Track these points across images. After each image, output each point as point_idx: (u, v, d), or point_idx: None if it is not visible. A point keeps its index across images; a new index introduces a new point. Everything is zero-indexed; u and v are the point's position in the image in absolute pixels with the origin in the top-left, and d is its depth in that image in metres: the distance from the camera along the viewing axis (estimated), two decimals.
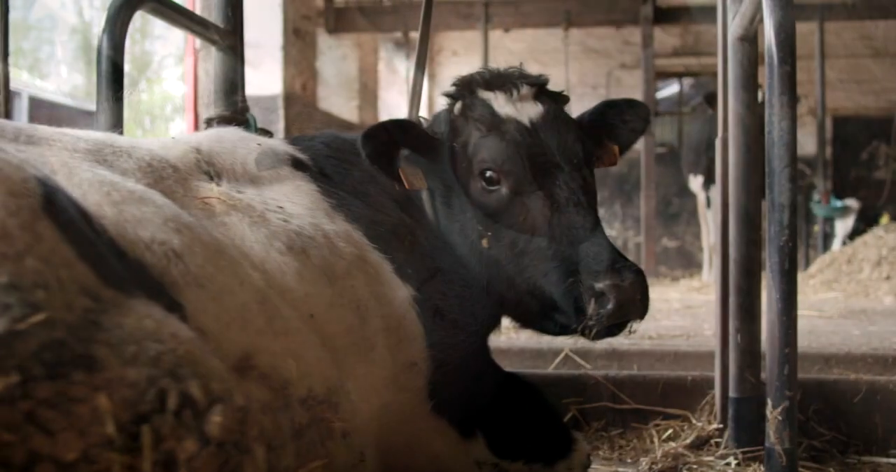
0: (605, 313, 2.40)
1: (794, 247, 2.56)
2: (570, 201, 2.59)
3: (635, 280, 2.42)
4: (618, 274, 2.42)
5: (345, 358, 2.14)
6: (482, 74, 2.88)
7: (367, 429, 2.18)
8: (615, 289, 2.39)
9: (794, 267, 2.55)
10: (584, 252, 2.49)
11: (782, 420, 2.56)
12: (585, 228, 2.54)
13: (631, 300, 2.41)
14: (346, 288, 2.26)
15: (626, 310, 2.42)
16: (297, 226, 2.28)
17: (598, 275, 2.43)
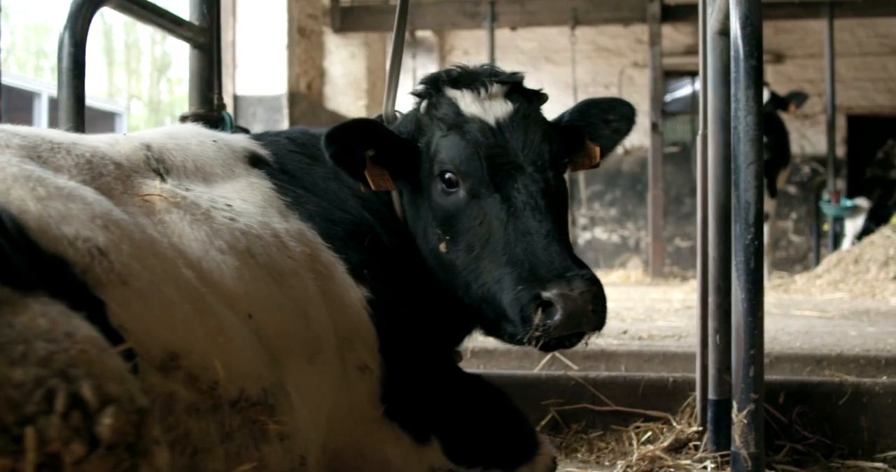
0: (552, 323, 2.32)
1: (761, 245, 2.50)
2: (527, 205, 2.51)
3: (587, 290, 2.32)
4: (568, 283, 2.33)
5: (287, 359, 2.10)
6: (450, 72, 2.82)
7: (311, 432, 2.13)
8: (563, 299, 2.30)
9: (759, 266, 2.49)
10: (536, 259, 2.41)
11: (748, 424, 2.50)
12: (540, 233, 2.45)
13: (581, 311, 2.31)
14: (293, 288, 2.21)
15: (577, 321, 2.33)
16: (243, 224, 2.24)
17: (546, 283, 2.34)
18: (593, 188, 16.19)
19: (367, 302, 2.39)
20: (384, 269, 2.55)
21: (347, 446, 2.30)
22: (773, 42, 15.47)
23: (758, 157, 2.48)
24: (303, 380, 2.13)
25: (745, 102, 2.48)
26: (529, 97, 2.78)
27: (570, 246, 2.55)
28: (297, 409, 2.07)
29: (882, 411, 3.49)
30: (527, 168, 2.58)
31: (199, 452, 1.78)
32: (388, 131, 2.76)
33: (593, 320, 2.36)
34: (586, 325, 2.36)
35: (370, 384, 2.32)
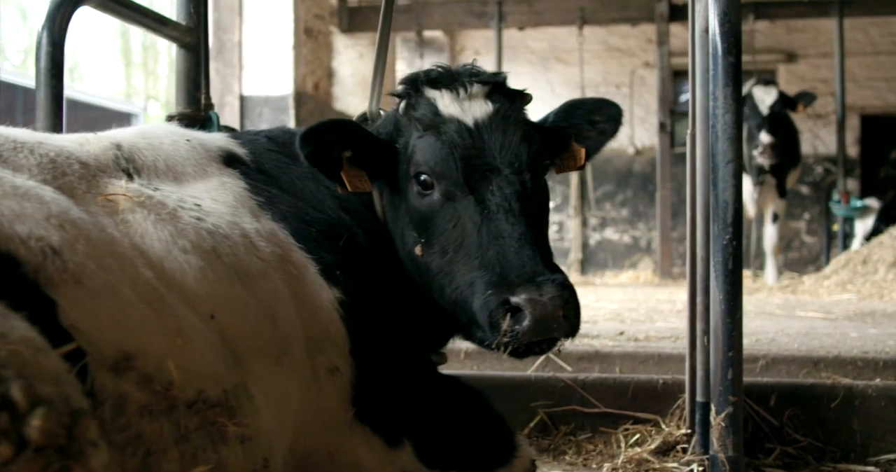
0: (521, 329, 2.28)
1: (739, 245, 2.46)
2: (501, 208, 2.47)
3: (557, 295, 2.27)
4: (537, 288, 2.28)
5: (252, 360, 2.07)
6: (429, 72, 2.78)
7: (277, 434, 2.10)
8: (532, 304, 2.26)
9: (738, 266, 2.46)
10: (507, 263, 2.37)
11: (726, 427, 2.47)
12: (512, 237, 2.41)
13: (551, 317, 2.27)
14: (260, 289, 2.19)
15: (547, 327, 2.28)
16: (211, 224, 2.22)
17: (515, 288, 2.30)
18: (604, 189, 16.12)
19: (339, 303, 2.36)
20: (359, 270, 2.52)
21: (317, 448, 2.27)
22: (786, 41, 15.37)
23: (736, 155, 2.45)
24: (268, 381, 2.11)
25: (723, 100, 2.45)
26: (512, 98, 2.74)
27: (545, 250, 2.50)
28: (260, 411, 2.05)
29: (875, 413, 3.45)
30: (503, 170, 2.54)
31: (153, 453, 1.76)
32: (366, 132, 2.73)
33: (564, 325, 2.32)
34: (557, 331, 2.32)
35: (341, 387, 2.30)
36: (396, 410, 2.39)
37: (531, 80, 16.37)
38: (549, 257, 2.47)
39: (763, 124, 9.64)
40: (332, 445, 2.29)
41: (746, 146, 10.01)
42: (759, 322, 5.79)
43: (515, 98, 2.75)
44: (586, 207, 16.07)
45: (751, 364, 4.26)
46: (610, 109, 2.91)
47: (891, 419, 3.43)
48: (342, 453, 2.30)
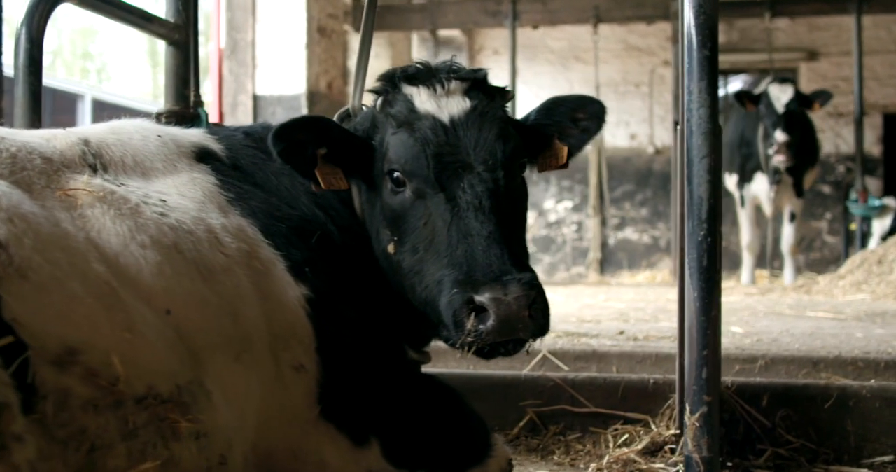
0: (485, 329, 2.24)
1: (714, 242, 2.41)
2: (471, 206, 2.43)
3: (522, 295, 2.23)
4: (503, 287, 2.24)
5: (210, 356, 2.05)
6: (407, 68, 2.75)
7: (236, 431, 2.09)
8: (496, 303, 2.22)
9: (713, 264, 2.41)
10: (474, 262, 2.34)
11: (700, 427, 2.42)
12: (481, 235, 2.37)
13: (516, 317, 2.23)
14: (223, 285, 2.17)
15: (512, 327, 2.24)
16: (175, 219, 2.20)
17: (480, 287, 2.26)
18: (624, 188, 16.01)
19: (307, 301, 2.34)
20: (330, 268, 2.50)
21: (281, 447, 2.25)
22: (807, 39, 15.19)
23: (711, 150, 2.40)
24: (228, 378, 2.09)
25: (697, 95, 2.41)
26: (491, 94, 2.70)
27: (517, 249, 2.46)
28: (218, 407, 2.03)
29: (869, 415, 3.38)
30: (476, 167, 2.50)
31: (98, 449, 1.74)
32: (341, 129, 2.71)
33: (531, 326, 2.27)
34: (523, 331, 2.27)
35: (306, 384, 2.27)
36: (363, 408, 2.36)
37: (551, 79, 16.31)
38: (520, 257, 2.43)
39: (778, 123, 9.53)
40: (296, 443, 2.26)
41: (762, 145, 9.91)
42: (766, 322, 5.71)
43: (495, 95, 2.71)
44: (605, 206, 15.98)
45: (749, 365, 4.21)
46: (593, 106, 2.86)
47: (885, 420, 3.36)
48: (307, 451, 2.27)
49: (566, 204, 16.25)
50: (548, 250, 16.45)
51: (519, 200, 2.64)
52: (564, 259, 16.32)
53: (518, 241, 2.55)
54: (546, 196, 16.45)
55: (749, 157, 10.28)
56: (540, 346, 4.42)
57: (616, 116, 16.24)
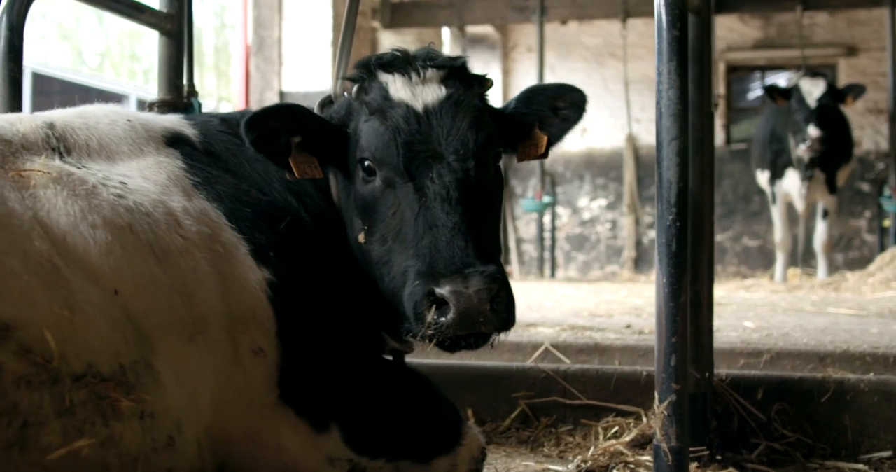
0: (445, 322, 2.20)
1: (683, 227, 2.36)
2: (438, 196, 2.38)
3: (483, 288, 2.19)
4: (464, 280, 2.20)
5: (160, 337, 2.05)
6: (382, 56, 2.71)
7: (188, 413, 2.08)
8: (456, 296, 2.19)
9: (682, 248, 2.36)
10: (437, 253, 2.30)
11: (669, 416, 2.37)
12: (446, 226, 2.33)
13: (477, 310, 2.19)
14: (178, 267, 2.16)
15: (472, 320, 2.20)
16: (132, 201, 2.20)
17: (440, 279, 2.23)
18: None
19: (268, 284, 2.32)
20: (297, 253, 2.48)
21: (239, 431, 2.23)
22: (846, 34, 14.91)
23: (680, 133, 2.35)
24: (179, 359, 2.09)
25: (667, 76, 2.36)
26: (469, 83, 2.65)
27: (484, 241, 2.40)
28: (166, 388, 2.02)
29: (867, 409, 3.30)
30: (447, 157, 2.46)
31: (31, 425, 1.75)
32: (316, 117, 2.68)
33: (492, 320, 2.23)
34: (484, 325, 2.23)
35: (265, 368, 2.26)
36: (324, 393, 2.34)
37: (584, 76, 16.18)
38: (487, 249, 2.38)
39: (811, 118, 9.34)
40: (254, 428, 2.25)
41: (793, 140, 9.74)
42: (782, 318, 5.60)
43: (473, 83, 2.66)
44: (640, 205, 15.83)
45: (754, 359, 4.13)
46: (573, 94, 2.80)
47: (884, 415, 3.27)
48: (265, 436, 2.25)
49: (600, 202, 16.12)
50: (581, 248, 16.34)
51: (491, 191, 2.60)
52: (598, 258, 16.19)
53: (488, 232, 2.49)
54: (580, 194, 16.34)
55: (780, 153, 10.10)
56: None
57: (650, 112, 16.03)
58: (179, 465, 2.06)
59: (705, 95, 3.17)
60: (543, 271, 13.65)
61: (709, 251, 3.23)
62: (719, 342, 4.32)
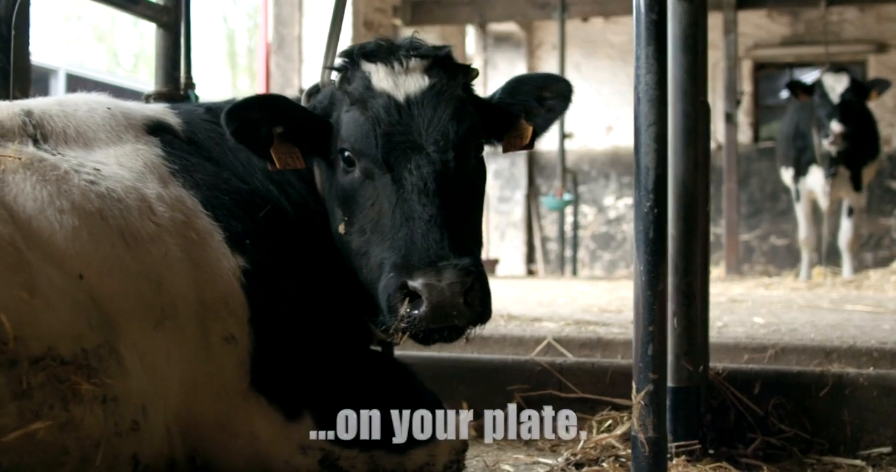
0: (418, 315, 2.19)
1: (661, 214, 2.32)
2: (416, 188, 2.37)
3: (457, 281, 2.18)
4: (437, 273, 2.20)
5: (126, 322, 2.05)
6: (366, 45, 2.69)
7: (153, 398, 2.08)
8: (429, 289, 2.18)
9: (660, 236, 2.32)
10: (413, 246, 2.29)
11: (646, 406, 2.33)
12: (422, 218, 2.32)
13: (449, 303, 2.18)
14: (148, 253, 2.17)
15: (445, 314, 2.20)
16: (105, 188, 2.21)
17: (414, 272, 2.22)
18: None
19: (242, 272, 2.32)
20: (275, 242, 2.47)
21: (210, 418, 2.23)
22: (876, 31, 14.70)
23: (658, 118, 2.30)
24: (145, 345, 2.09)
25: (644, 60, 2.32)
26: (453, 73, 2.62)
27: (462, 233, 2.38)
28: (130, 372, 2.02)
29: (866, 404, 3.23)
30: (427, 148, 2.44)
31: None
32: (298, 107, 2.66)
33: (466, 313, 2.22)
34: (458, 318, 2.22)
35: (237, 356, 2.25)
36: (297, 381, 2.33)
37: (610, 74, 16.10)
38: (464, 241, 2.36)
39: (834, 113, 9.21)
40: (225, 415, 2.24)
41: (816, 137, 9.60)
42: (795, 314, 5.52)
43: (457, 73, 2.64)
44: None
45: (759, 354, 4.07)
46: (559, 84, 2.78)
47: (883, 410, 3.21)
48: (236, 424, 2.25)
49: (626, 200, 16.02)
50: (607, 247, 16.25)
51: (472, 183, 2.57)
52: (625, 256, 16.08)
53: (467, 225, 2.48)
54: (606, 192, 16.26)
55: (804, 149, 9.96)
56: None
57: None
58: (145, 450, 2.06)
59: (699, 83, 3.13)
60: (564, 270, 13.58)
61: (703, 242, 3.18)
62: (724, 337, 4.28)
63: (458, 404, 3.63)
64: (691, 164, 3.08)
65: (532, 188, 16.12)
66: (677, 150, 3.09)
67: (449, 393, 3.65)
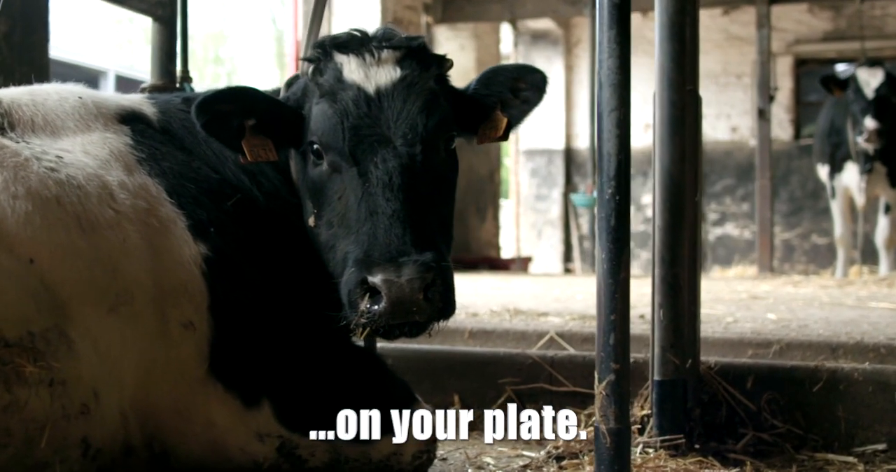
0: (377, 310, 2.20)
1: (623, 201, 2.28)
2: (381, 182, 2.36)
3: (416, 277, 2.18)
4: (396, 269, 2.20)
5: (78, 307, 2.07)
6: (338, 36, 2.68)
7: (106, 383, 2.09)
8: (388, 285, 2.18)
9: (622, 223, 2.28)
10: (375, 241, 2.29)
11: (607, 396, 2.29)
12: (385, 213, 2.31)
13: (409, 299, 2.18)
14: (105, 239, 2.18)
15: (405, 309, 2.20)
16: (65, 175, 2.23)
17: (374, 268, 2.22)
18: (724, 182, 15.53)
19: (203, 259, 2.33)
20: (241, 231, 2.47)
21: (167, 404, 2.23)
22: None
23: (620, 103, 2.27)
24: (98, 330, 2.10)
25: (606, 45, 2.28)
26: (426, 64, 2.60)
27: (429, 228, 2.37)
28: (81, 357, 2.04)
29: (861, 400, 3.15)
30: (394, 141, 2.43)
31: None
32: (270, 99, 2.64)
33: (426, 309, 2.22)
34: (418, 314, 2.22)
35: (195, 342, 2.26)
36: (256, 369, 2.32)
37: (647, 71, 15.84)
38: (429, 237, 2.35)
39: (868, 109, 9.02)
40: (182, 401, 2.25)
41: (851, 133, 9.42)
42: (813, 311, 5.42)
43: (430, 65, 2.62)
44: (706, 201, 15.51)
45: (763, 349, 4.00)
46: (533, 75, 2.75)
47: (879, 406, 3.13)
48: (194, 410, 2.25)
49: None
50: (645, 245, 16.07)
51: (441, 176, 2.54)
52: None
53: (434, 219, 2.45)
54: (644, 190, 16.09)
55: (839, 145, 9.78)
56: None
57: (716, 108, 15.74)
58: (97, 434, 2.07)
59: (686, 72, 3.08)
60: (594, 268, 13.45)
61: (690, 234, 3.13)
62: (730, 333, 4.21)
63: (449, 396, 3.62)
64: (677, 153, 3.03)
65: (569, 186, 16.02)
66: (663, 139, 3.05)
67: (441, 386, 3.64)
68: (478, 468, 2.92)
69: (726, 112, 15.54)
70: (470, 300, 5.89)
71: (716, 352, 3.97)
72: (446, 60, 2.71)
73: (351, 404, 2.44)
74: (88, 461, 2.07)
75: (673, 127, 3.04)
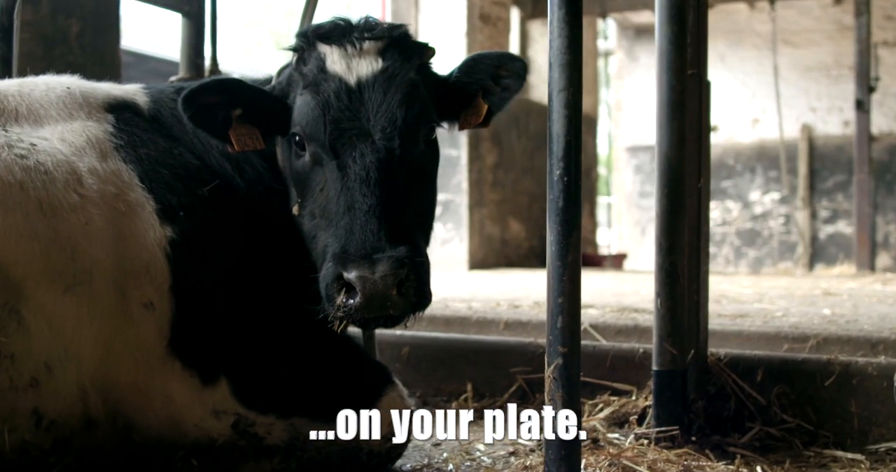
0: (353, 305, 2.25)
1: (573, 182, 2.25)
2: (358, 177, 2.39)
3: (389, 274, 2.22)
4: (370, 265, 2.24)
5: (32, 287, 2.17)
6: (321, 26, 2.70)
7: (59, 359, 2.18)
8: (362, 281, 2.23)
9: (572, 205, 2.25)
10: (352, 236, 2.33)
11: (555, 380, 2.27)
12: (361, 209, 2.35)
13: (382, 294, 2.23)
14: (67, 222, 2.27)
15: (380, 304, 2.25)
16: (34, 161, 2.33)
17: (349, 264, 2.27)
18: (836, 178, 14.93)
19: (169, 242, 2.40)
20: (214, 216, 2.53)
21: (127, 380, 2.32)
22: None
23: (569, 83, 2.23)
24: (53, 308, 2.19)
25: (556, 24, 2.26)
26: (408, 54, 2.62)
27: (406, 221, 2.40)
28: (32, 333, 2.14)
29: (875, 395, 3.02)
30: (373, 135, 2.45)
31: None
32: (255, 89, 2.69)
33: (400, 303, 2.26)
34: (392, 309, 2.27)
35: (156, 322, 2.34)
36: (215, 348, 2.39)
37: (757, 64, 15.49)
38: (406, 231, 2.37)
39: None
40: (142, 378, 2.33)
41: None
42: (875, 308, 5.17)
43: (412, 54, 2.63)
44: (816, 198, 14.96)
45: (800, 344, 3.85)
46: (514, 64, 2.75)
47: (893, 402, 2.96)
48: (153, 387, 2.33)
49: (773, 196, 15.38)
50: (753, 243, 15.64)
51: (420, 168, 2.56)
52: (771, 254, 15.46)
53: (412, 211, 2.47)
54: (751, 187, 15.66)
55: None
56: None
57: (828, 101, 15.17)
58: (50, 406, 2.17)
59: (685, 56, 2.99)
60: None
61: (693, 221, 3.05)
62: (767, 327, 4.07)
63: (463, 384, 3.62)
64: (676, 138, 2.96)
65: None
66: (662, 124, 2.99)
67: (456, 373, 3.65)
68: (467, 454, 2.91)
69: (838, 106, 14.95)
70: (523, 294, 5.86)
71: (750, 346, 3.84)
72: (429, 49, 2.72)
73: (312, 383, 2.49)
74: (42, 431, 2.17)
75: (672, 111, 2.96)
